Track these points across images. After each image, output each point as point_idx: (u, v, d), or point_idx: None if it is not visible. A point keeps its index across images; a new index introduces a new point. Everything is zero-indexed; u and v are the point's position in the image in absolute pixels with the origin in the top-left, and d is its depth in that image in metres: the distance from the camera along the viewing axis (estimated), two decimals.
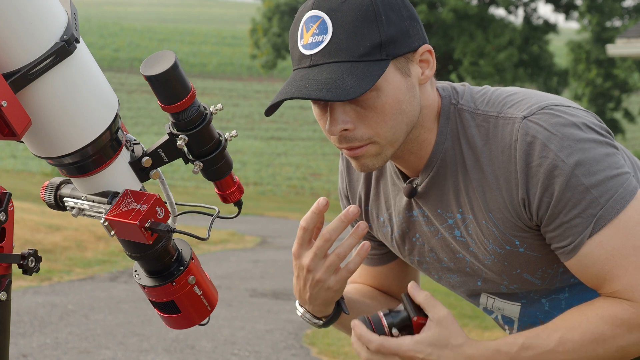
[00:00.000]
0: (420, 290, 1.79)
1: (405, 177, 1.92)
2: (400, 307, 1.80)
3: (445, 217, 1.89)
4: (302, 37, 1.75)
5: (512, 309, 1.98)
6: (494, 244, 1.85)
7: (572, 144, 1.75)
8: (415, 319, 1.78)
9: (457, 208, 1.87)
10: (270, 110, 1.74)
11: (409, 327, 1.79)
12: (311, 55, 1.73)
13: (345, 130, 1.75)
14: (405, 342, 1.77)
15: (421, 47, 1.78)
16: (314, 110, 1.81)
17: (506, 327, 2.04)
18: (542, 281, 1.89)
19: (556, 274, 1.89)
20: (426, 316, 1.79)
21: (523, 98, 1.83)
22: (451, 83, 1.91)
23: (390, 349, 1.76)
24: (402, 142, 1.80)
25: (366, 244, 1.83)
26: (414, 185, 1.90)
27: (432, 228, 1.93)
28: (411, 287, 1.79)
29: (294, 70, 1.77)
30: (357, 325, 1.79)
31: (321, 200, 1.81)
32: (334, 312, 1.94)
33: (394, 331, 1.78)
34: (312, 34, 1.74)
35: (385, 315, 1.79)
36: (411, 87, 1.78)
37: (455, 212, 1.87)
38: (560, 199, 1.76)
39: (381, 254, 2.10)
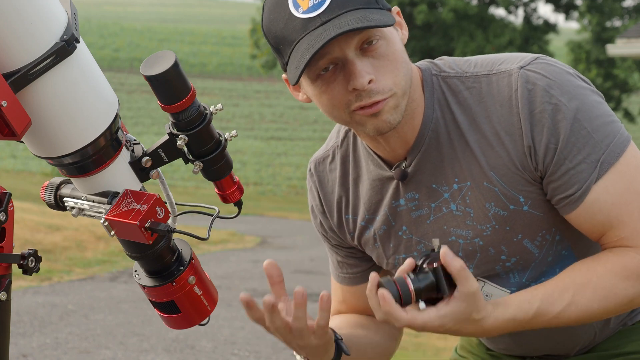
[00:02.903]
0: (454, 259, 1.71)
1: (388, 166, 1.91)
2: (426, 270, 1.73)
3: (441, 191, 1.88)
4: (297, 7, 1.74)
5: (501, 295, 1.96)
6: (496, 207, 1.85)
7: (571, 89, 1.79)
8: (449, 295, 1.73)
9: (454, 177, 1.86)
10: (300, 75, 1.72)
11: (433, 292, 1.73)
12: (319, 14, 1.72)
13: (370, 82, 1.75)
14: (431, 317, 1.72)
15: (392, 8, 1.83)
16: (317, 85, 1.78)
17: None
18: (540, 250, 1.89)
19: (553, 241, 1.89)
20: (454, 285, 1.73)
21: (510, 56, 1.87)
22: (427, 59, 1.93)
23: (418, 326, 1.73)
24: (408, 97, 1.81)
25: (325, 295, 1.76)
26: (403, 167, 1.89)
27: (424, 211, 1.91)
28: (445, 254, 1.70)
29: (300, 39, 1.73)
30: (385, 298, 1.69)
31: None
32: (335, 355, 1.89)
33: (421, 304, 1.72)
34: None
35: (412, 279, 1.72)
36: (402, 42, 1.82)
37: (452, 182, 1.87)
38: (566, 143, 1.78)
39: (362, 271, 2.08)
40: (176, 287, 1.68)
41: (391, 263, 2.01)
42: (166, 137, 1.62)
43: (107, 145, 1.59)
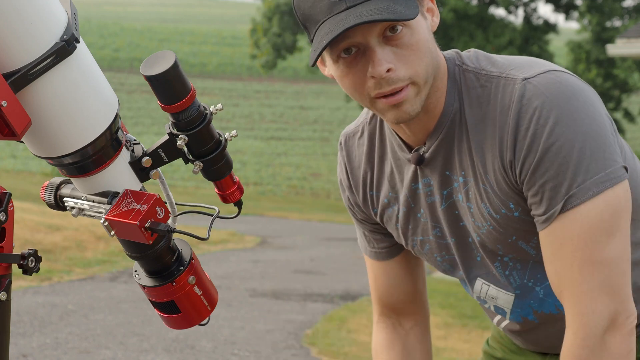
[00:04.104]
0: None
1: (409, 149, 1.93)
2: None
3: (452, 179, 1.89)
4: None
5: (507, 298, 1.98)
6: (490, 208, 1.86)
7: (565, 114, 1.75)
8: None
9: (460, 171, 1.87)
10: (317, 58, 1.74)
11: None
12: None
13: (388, 71, 1.75)
14: None
15: None
16: (339, 67, 1.79)
17: (498, 316, 2.04)
18: (536, 251, 1.89)
19: None
20: None
21: (527, 62, 1.84)
22: (455, 50, 1.93)
23: None
24: (431, 86, 1.81)
25: None
26: (421, 153, 1.90)
27: (437, 198, 1.93)
28: None
29: (324, 20, 1.75)
30: None
31: None
32: None
33: None
34: None
35: None
36: (430, 30, 1.82)
37: (459, 174, 1.88)
38: (539, 166, 1.76)
39: (389, 247, 2.10)
40: (176, 287, 1.68)
41: (410, 244, 2.04)
42: (166, 137, 1.62)
43: (107, 145, 1.59)
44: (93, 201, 1.63)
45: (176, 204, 1.69)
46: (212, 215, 1.70)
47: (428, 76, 1.79)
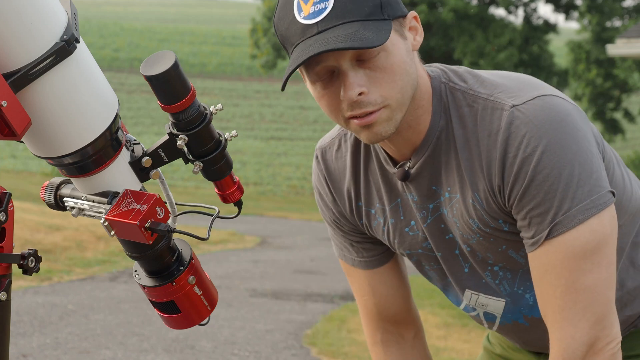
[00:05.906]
0: None
1: (394, 163, 1.92)
2: None
3: (439, 193, 1.89)
4: (300, 11, 1.74)
5: (497, 305, 1.98)
6: (479, 223, 1.86)
7: (552, 141, 1.75)
8: None
9: (447, 187, 1.87)
10: (285, 82, 1.74)
11: None
12: (317, 22, 1.73)
13: (360, 94, 1.74)
14: None
15: (409, 13, 1.81)
16: (316, 88, 1.79)
17: (486, 323, 2.04)
18: (526, 260, 1.89)
19: None
20: None
21: (519, 83, 1.83)
22: (438, 64, 1.92)
23: None
24: (407, 108, 1.80)
25: None
26: (406, 168, 1.89)
27: (422, 214, 1.93)
28: None
29: (297, 44, 1.75)
30: None
31: None
32: None
33: None
34: (312, 3, 1.74)
35: None
36: (409, 51, 1.79)
37: (445, 190, 1.88)
38: (526, 193, 1.76)
39: (379, 254, 2.09)
40: (176, 287, 1.69)
41: (399, 253, 2.04)
42: (166, 137, 1.62)
43: (107, 145, 1.59)
44: (93, 201, 1.63)
45: (176, 204, 1.69)
46: (212, 215, 1.70)
47: (404, 98, 1.78)
